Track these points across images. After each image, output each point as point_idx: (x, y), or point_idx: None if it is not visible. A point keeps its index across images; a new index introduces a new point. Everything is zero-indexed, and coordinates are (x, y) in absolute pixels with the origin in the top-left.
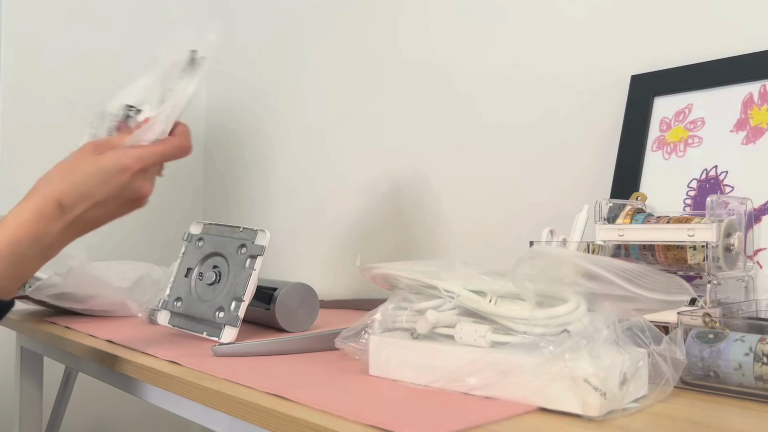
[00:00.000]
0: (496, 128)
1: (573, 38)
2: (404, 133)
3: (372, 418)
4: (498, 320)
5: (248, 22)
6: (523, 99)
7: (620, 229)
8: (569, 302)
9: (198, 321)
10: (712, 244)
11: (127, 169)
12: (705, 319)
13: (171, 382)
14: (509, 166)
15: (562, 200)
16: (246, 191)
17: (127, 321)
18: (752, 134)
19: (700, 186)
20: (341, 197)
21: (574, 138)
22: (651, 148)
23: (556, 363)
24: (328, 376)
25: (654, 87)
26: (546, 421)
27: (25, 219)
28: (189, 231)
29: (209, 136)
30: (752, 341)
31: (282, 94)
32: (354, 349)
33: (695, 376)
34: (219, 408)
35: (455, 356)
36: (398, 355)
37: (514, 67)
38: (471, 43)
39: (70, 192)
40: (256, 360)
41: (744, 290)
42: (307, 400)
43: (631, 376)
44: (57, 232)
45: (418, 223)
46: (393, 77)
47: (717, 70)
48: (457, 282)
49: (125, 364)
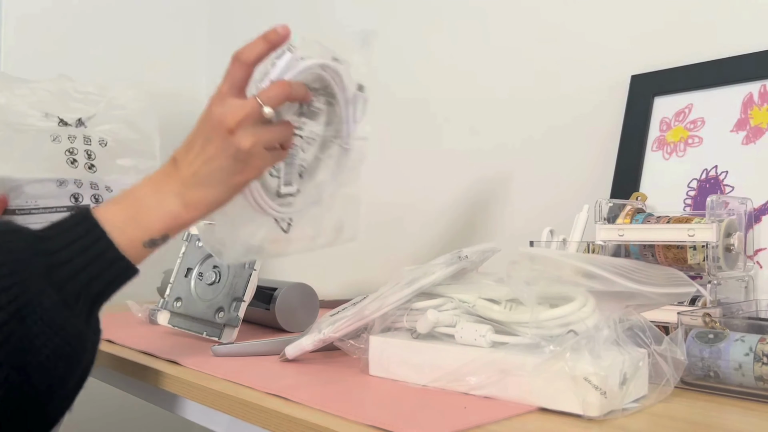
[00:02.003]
0: (495, 128)
1: (573, 38)
2: (404, 133)
3: (372, 418)
4: (512, 326)
5: (248, 22)
6: (523, 99)
7: (620, 229)
8: (574, 301)
9: (198, 321)
10: (712, 244)
11: (214, 99)
12: (705, 319)
13: (171, 382)
14: (509, 166)
15: (562, 200)
16: None
17: (127, 321)
18: (752, 134)
19: (700, 186)
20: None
21: (575, 138)
22: (651, 148)
23: (557, 362)
24: (328, 376)
25: (654, 87)
26: (546, 421)
27: (151, 176)
28: (189, 231)
29: None
30: (752, 341)
31: None
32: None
33: (695, 376)
34: (219, 408)
35: (455, 356)
36: (398, 355)
37: (514, 68)
38: (471, 39)
39: (181, 146)
40: (256, 360)
41: (744, 290)
42: (307, 400)
43: (631, 375)
44: (176, 191)
45: (416, 225)
46: (393, 77)
47: (717, 70)
48: (473, 291)
49: (125, 365)
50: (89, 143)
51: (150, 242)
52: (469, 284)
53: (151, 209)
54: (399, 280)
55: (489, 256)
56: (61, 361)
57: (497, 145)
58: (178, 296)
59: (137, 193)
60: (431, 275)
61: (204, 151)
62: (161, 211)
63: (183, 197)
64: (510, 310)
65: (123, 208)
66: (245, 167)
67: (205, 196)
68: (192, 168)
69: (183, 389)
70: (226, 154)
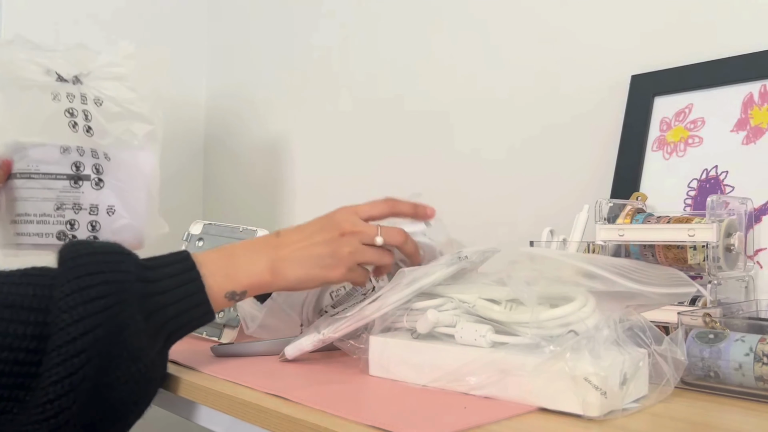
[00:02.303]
0: (495, 128)
1: (573, 38)
2: (402, 134)
3: (372, 418)
4: (512, 327)
5: (248, 21)
6: (524, 99)
7: (620, 229)
8: (575, 301)
9: None
10: (713, 244)
11: (345, 208)
12: (705, 319)
13: (171, 382)
14: (509, 166)
15: (562, 200)
16: (246, 191)
17: None
18: (752, 134)
19: (700, 186)
20: (342, 197)
21: (575, 138)
22: (651, 148)
23: (557, 362)
24: (328, 376)
25: (654, 87)
26: (546, 421)
27: (252, 239)
28: (189, 231)
29: (209, 136)
30: (752, 341)
31: (282, 94)
32: (354, 348)
33: (695, 376)
34: (219, 408)
35: (455, 356)
36: (398, 355)
37: (514, 68)
38: (472, 40)
39: (292, 227)
40: (256, 360)
41: (744, 290)
42: (307, 400)
43: (631, 376)
44: (269, 256)
45: None
46: (392, 77)
47: (717, 70)
48: (473, 291)
49: None
50: (85, 102)
51: (231, 294)
52: (469, 284)
53: (242, 265)
54: (399, 280)
55: (489, 257)
56: (131, 383)
57: (497, 145)
58: None
59: (235, 249)
60: (431, 275)
61: (310, 236)
62: (251, 269)
63: (273, 264)
64: (510, 310)
65: (219, 258)
66: (335, 266)
67: (292, 271)
68: (292, 245)
69: (183, 389)
70: (328, 248)
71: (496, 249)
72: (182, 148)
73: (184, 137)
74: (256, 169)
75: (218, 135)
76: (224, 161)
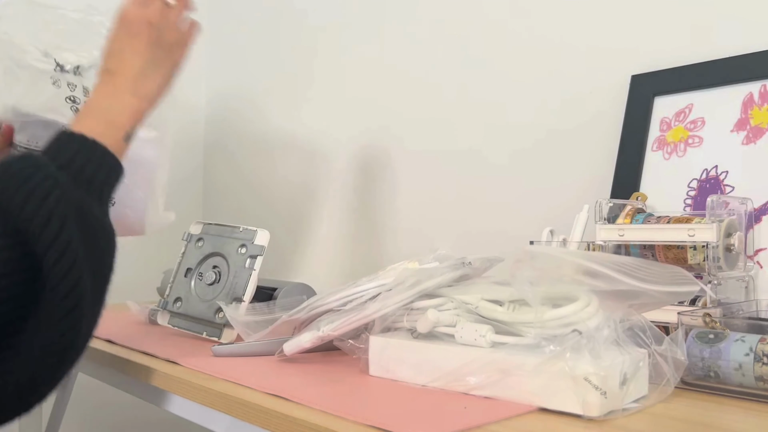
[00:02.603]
0: (495, 129)
1: (573, 38)
2: (403, 135)
3: (372, 418)
4: (516, 327)
5: (248, 21)
6: (524, 99)
7: (620, 229)
8: (578, 301)
9: (198, 321)
10: (713, 244)
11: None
12: (705, 319)
13: (171, 382)
14: (509, 166)
15: (563, 200)
16: (246, 191)
17: (127, 321)
18: (752, 134)
19: (700, 186)
20: (341, 196)
21: (575, 138)
22: (651, 148)
23: (557, 362)
24: (327, 376)
25: (654, 87)
26: (546, 421)
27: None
28: (189, 231)
29: (209, 136)
30: (752, 341)
31: (282, 94)
32: (354, 348)
33: (695, 376)
34: (219, 408)
35: (456, 356)
36: (398, 354)
37: (514, 68)
38: (472, 40)
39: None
40: (256, 360)
41: (744, 290)
42: (307, 400)
43: (631, 376)
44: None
45: (417, 223)
46: (395, 81)
47: (717, 70)
48: (476, 293)
49: (125, 365)
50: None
51: (126, 136)
52: (472, 286)
53: (118, 111)
54: (402, 280)
55: (493, 265)
56: (102, 240)
57: (497, 145)
58: (178, 296)
59: (100, 104)
60: (435, 278)
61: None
62: (126, 110)
63: (136, 93)
64: (513, 310)
65: (96, 119)
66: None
67: (152, 85)
68: (133, 68)
69: (183, 389)
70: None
71: (499, 258)
72: (182, 148)
73: (184, 138)
74: (256, 170)
75: (218, 135)
76: (224, 161)
